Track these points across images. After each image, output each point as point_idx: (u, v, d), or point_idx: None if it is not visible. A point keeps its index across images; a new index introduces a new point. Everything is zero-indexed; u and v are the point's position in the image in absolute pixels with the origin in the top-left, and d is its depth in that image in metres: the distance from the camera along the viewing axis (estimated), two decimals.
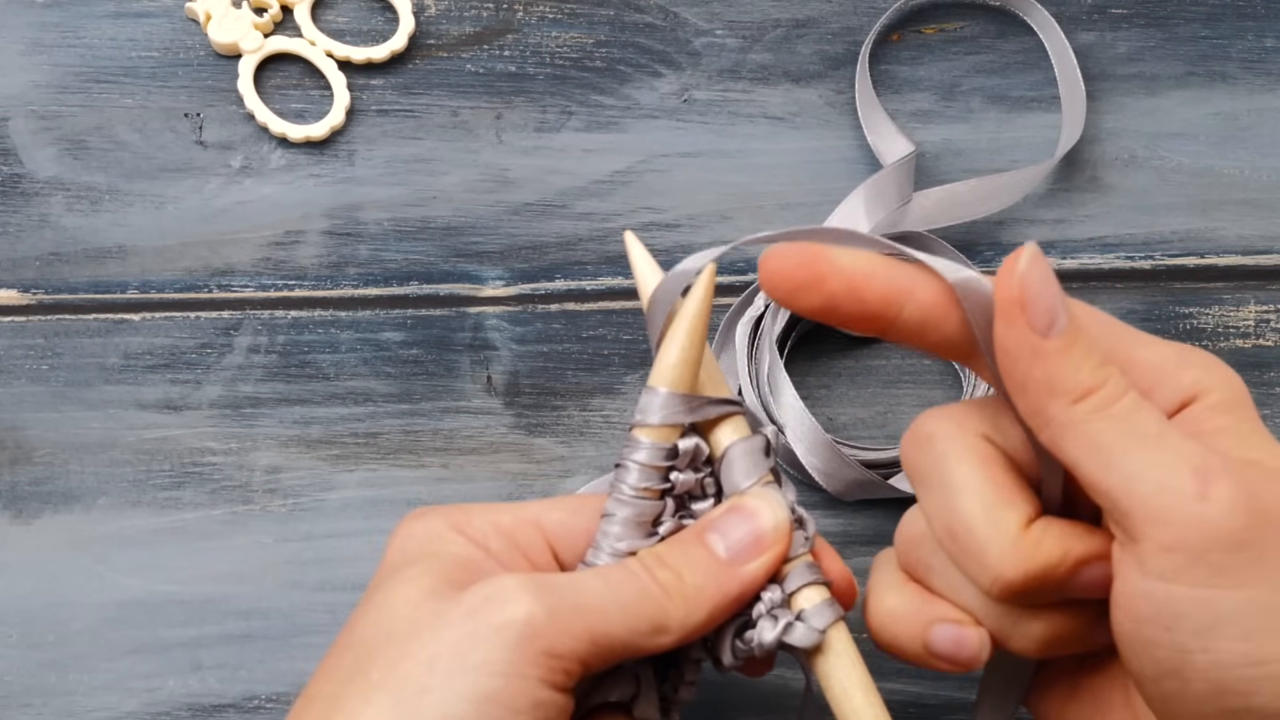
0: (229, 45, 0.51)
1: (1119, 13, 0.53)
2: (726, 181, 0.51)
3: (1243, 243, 0.50)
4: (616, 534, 0.35)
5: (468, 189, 0.50)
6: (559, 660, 0.32)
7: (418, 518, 0.36)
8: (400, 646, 0.32)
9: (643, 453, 0.35)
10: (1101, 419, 0.32)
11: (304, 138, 0.50)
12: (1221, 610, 0.30)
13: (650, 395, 0.35)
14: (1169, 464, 0.31)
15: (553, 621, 0.32)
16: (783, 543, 0.35)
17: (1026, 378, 0.32)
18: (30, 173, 0.50)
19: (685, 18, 0.52)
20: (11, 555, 0.46)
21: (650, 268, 0.36)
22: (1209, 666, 0.31)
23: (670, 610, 0.34)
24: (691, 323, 0.35)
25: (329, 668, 0.34)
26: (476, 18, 0.52)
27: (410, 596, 0.33)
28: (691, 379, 0.35)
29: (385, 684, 0.32)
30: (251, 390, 0.48)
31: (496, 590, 0.32)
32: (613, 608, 0.33)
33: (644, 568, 0.34)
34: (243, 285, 0.49)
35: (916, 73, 0.52)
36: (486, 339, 0.49)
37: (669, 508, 0.36)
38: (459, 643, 0.32)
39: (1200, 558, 0.30)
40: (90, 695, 0.45)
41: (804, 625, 0.35)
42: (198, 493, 0.47)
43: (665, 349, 0.35)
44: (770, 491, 0.35)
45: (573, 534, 0.36)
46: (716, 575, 0.34)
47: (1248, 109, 0.52)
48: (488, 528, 0.36)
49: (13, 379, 0.48)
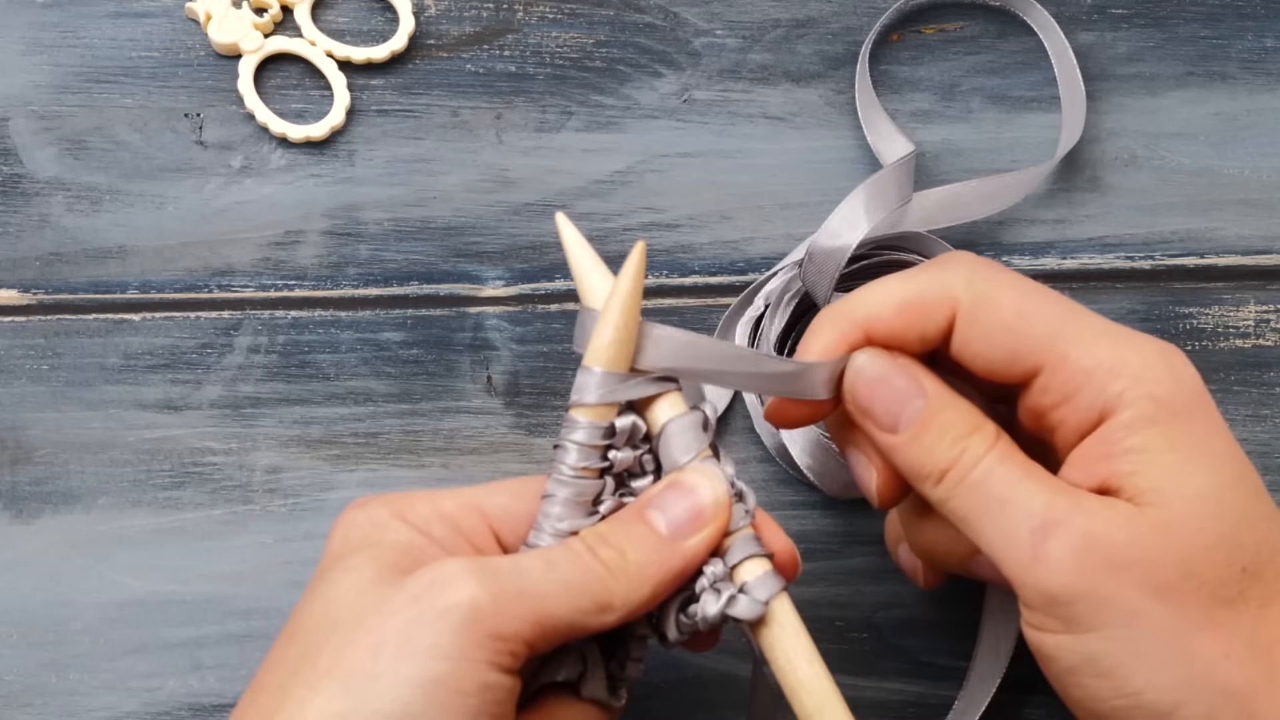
0: (229, 45, 0.51)
1: (1119, 13, 0.53)
2: (726, 181, 0.51)
3: (1243, 243, 0.50)
4: (557, 514, 0.35)
5: (468, 189, 0.50)
6: (505, 643, 0.32)
7: (360, 506, 0.37)
8: (346, 634, 0.32)
9: (580, 432, 0.35)
10: (959, 494, 0.35)
11: (304, 138, 0.50)
12: (1081, 651, 0.33)
13: (585, 375, 0.35)
14: (1011, 530, 0.34)
15: (497, 604, 0.32)
16: (723, 516, 0.35)
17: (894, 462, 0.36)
18: (30, 173, 0.50)
19: (685, 18, 0.52)
20: (12, 555, 0.46)
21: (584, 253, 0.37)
22: (1085, 699, 0.34)
23: (614, 588, 0.34)
24: (624, 301, 0.35)
25: (275, 659, 0.34)
26: (476, 18, 0.52)
27: (354, 584, 0.34)
28: (626, 357, 0.35)
29: (332, 671, 0.32)
30: (252, 390, 0.48)
31: (440, 575, 0.33)
32: (556, 588, 0.33)
33: (586, 547, 0.34)
34: (243, 285, 0.49)
35: (916, 73, 0.52)
36: (486, 339, 0.49)
37: (609, 486, 0.36)
38: (404, 628, 0.32)
39: (1049, 611, 0.33)
40: (90, 695, 0.45)
41: (746, 598, 0.35)
42: (198, 493, 0.47)
43: (599, 328, 0.35)
44: (709, 466, 0.36)
45: (515, 518, 0.37)
46: (659, 551, 0.35)
47: (1248, 109, 0.52)
48: (430, 514, 0.36)
49: (13, 379, 0.48)
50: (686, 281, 0.50)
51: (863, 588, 0.47)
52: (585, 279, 0.37)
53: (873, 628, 0.46)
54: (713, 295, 0.49)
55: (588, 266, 0.37)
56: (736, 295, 0.49)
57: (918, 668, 0.46)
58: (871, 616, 0.46)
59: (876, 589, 0.46)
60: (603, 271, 0.37)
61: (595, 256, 0.37)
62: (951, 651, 0.46)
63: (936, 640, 0.46)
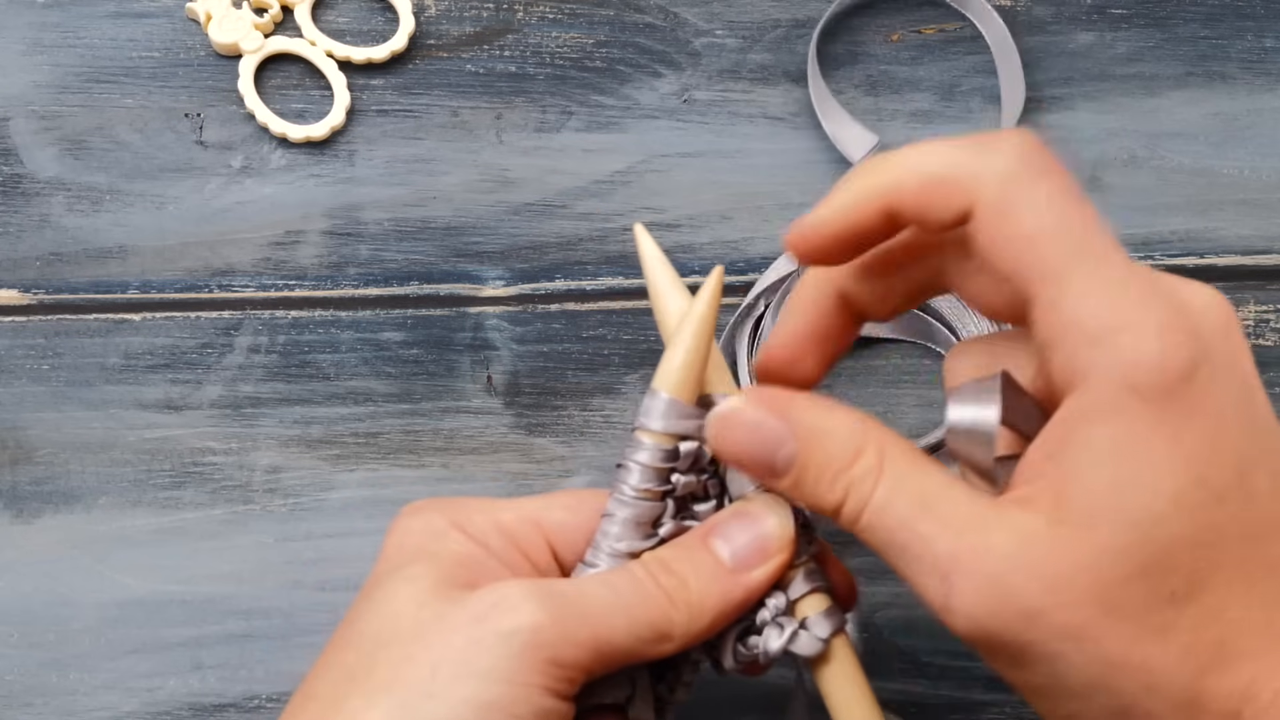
0: (229, 45, 0.51)
1: (1119, 13, 0.53)
2: (726, 181, 0.51)
3: (1242, 243, 0.50)
4: (616, 534, 0.35)
5: (468, 189, 0.50)
6: (563, 669, 0.32)
7: (416, 513, 0.36)
8: (404, 648, 0.32)
9: (644, 454, 0.35)
10: (861, 533, 0.32)
11: (304, 138, 0.50)
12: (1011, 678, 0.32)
13: (653, 399, 0.35)
14: (918, 575, 0.31)
15: (558, 630, 0.32)
16: (788, 550, 0.35)
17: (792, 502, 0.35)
18: (31, 173, 0.50)
19: (685, 18, 0.52)
20: (12, 555, 0.46)
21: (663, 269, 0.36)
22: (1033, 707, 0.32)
23: (674, 618, 0.34)
24: (698, 325, 0.35)
25: (329, 664, 0.34)
26: (476, 18, 0.52)
27: (413, 596, 0.33)
28: (695, 383, 0.35)
29: (389, 686, 0.32)
30: (252, 390, 0.48)
31: (503, 597, 0.32)
32: (618, 616, 0.33)
33: (649, 574, 0.34)
34: (243, 285, 0.49)
35: (916, 73, 0.52)
36: (487, 339, 0.49)
37: (669, 509, 0.35)
38: (464, 649, 0.32)
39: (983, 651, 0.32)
40: (91, 695, 0.45)
41: (808, 634, 0.35)
42: (198, 492, 0.47)
43: (671, 351, 0.35)
44: (775, 497, 0.35)
45: (572, 532, 0.36)
46: (721, 582, 0.34)
47: (1247, 109, 0.52)
48: (488, 526, 0.36)
49: (13, 379, 0.48)
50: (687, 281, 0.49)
51: (863, 588, 0.47)
52: (662, 297, 0.36)
53: (873, 628, 0.46)
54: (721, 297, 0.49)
55: (666, 284, 0.36)
56: (736, 295, 0.49)
57: (918, 668, 0.46)
58: (871, 616, 0.46)
59: (876, 589, 0.46)
60: (681, 291, 0.36)
61: (674, 273, 0.36)
62: (951, 651, 0.46)
63: (936, 640, 0.46)
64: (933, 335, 0.49)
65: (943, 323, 0.48)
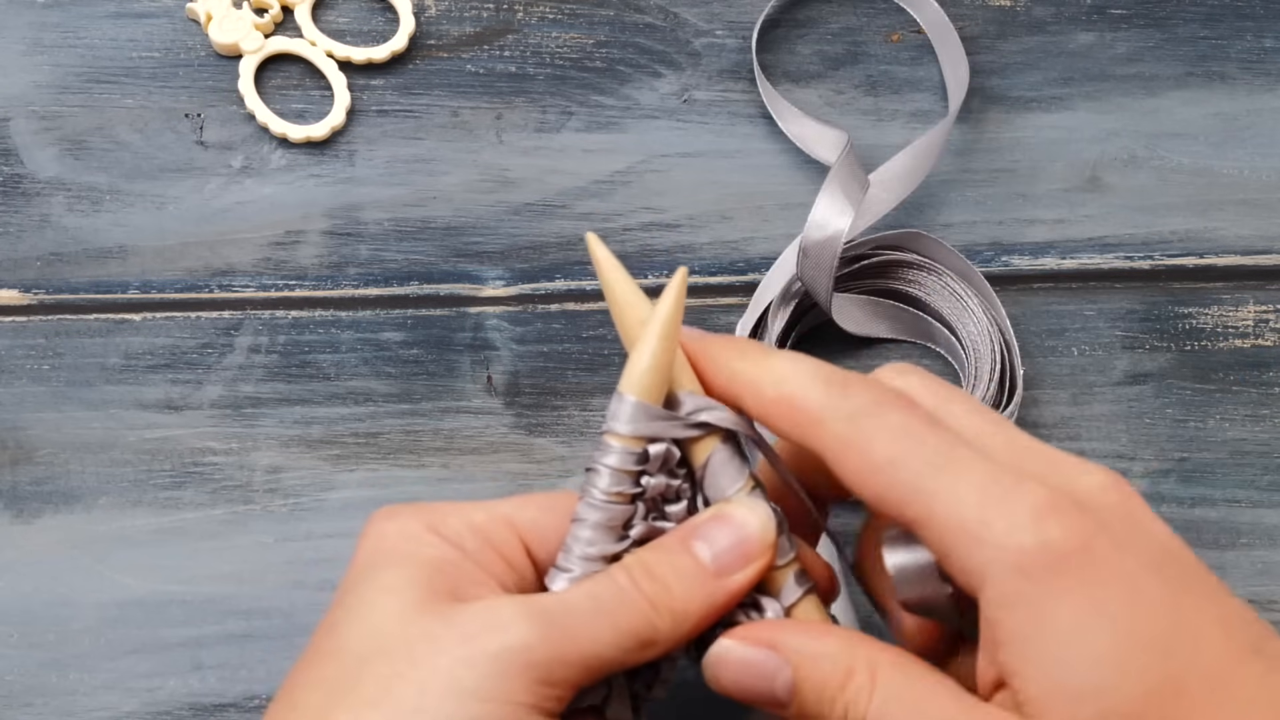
0: (230, 46, 0.51)
1: (1119, 13, 0.53)
2: (726, 181, 0.51)
3: (1242, 243, 0.50)
4: (587, 539, 0.35)
5: (468, 189, 0.50)
6: (553, 688, 0.32)
7: (389, 517, 0.36)
8: (392, 664, 0.32)
9: (613, 457, 0.34)
10: None
11: (304, 138, 0.50)
12: None
13: (619, 402, 0.34)
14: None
15: (548, 649, 0.32)
16: (769, 553, 0.35)
17: None
18: (31, 173, 0.50)
19: (685, 18, 0.53)
20: (12, 555, 0.46)
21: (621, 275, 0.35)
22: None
23: (658, 625, 0.34)
24: (663, 327, 0.34)
25: (312, 676, 0.33)
26: (476, 18, 0.52)
27: (396, 609, 0.33)
28: (662, 385, 0.34)
29: (377, 703, 0.32)
30: (252, 390, 0.48)
31: (494, 616, 0.32)
32: (604, 629, 0.33)
33: (631, 581, 0.34)
34: (243, 285, 0.49)
35: (916, 73, 0.52)
36: (487, 339, 0.49)
37: (639, 511, 0.35)
38: (453, 668, 0.32)
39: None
40: (91, 695, 0.45)
41: None
42: (198, 493, 0.47)
43: (636, 354, 0.34)
44: (756, 499, 0.35)
45: (545, 531, 0.36)
46: (704, 586, 0.34)
47: (1247, 109, 0.52)
48: (462, 527, 0.35)
49: (13, 379, 0.48)
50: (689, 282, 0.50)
51: None
52: (620, 303, 0.35)
53: (873, 628, 0.46)
54: (713, 295, 0.49)
55: (624, 290, 0.35)
56: (736, 295, 0.49)
57: None
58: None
59: None
60: (640, 296, 0.35)
61: (631, 280, 0.35)
62: None
63: None
64: (933, 335, 0.49)
65: (943, 323, 0.48)
